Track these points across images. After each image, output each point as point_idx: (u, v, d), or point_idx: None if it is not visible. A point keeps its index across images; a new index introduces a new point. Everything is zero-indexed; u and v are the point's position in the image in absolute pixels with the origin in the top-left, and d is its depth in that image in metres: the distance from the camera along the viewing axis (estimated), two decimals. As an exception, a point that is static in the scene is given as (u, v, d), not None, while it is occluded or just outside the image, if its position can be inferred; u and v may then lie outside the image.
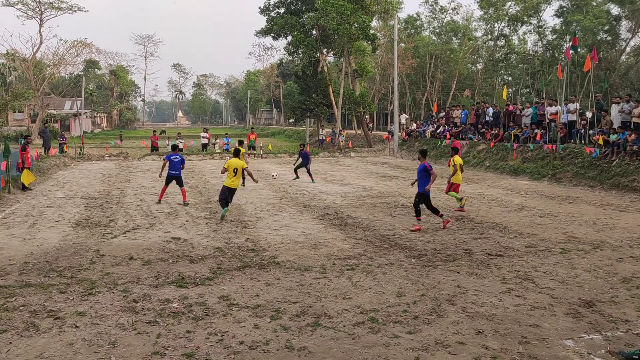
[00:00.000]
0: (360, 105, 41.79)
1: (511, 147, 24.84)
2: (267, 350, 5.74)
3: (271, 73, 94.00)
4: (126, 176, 22.83)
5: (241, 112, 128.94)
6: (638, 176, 17.64)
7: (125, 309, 6.92)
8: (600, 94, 24.10)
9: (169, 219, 13.10)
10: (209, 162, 30.76)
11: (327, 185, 19.69)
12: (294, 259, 9.38)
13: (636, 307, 7.07)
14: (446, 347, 5.82)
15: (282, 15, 43.46)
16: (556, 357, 5.58)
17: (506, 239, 11.04)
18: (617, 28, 45.78)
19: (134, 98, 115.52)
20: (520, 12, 48.88)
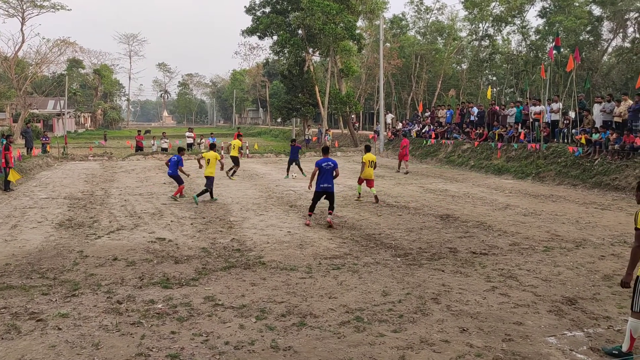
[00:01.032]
0: (347, 104, 41.87)
1: (495, 146, 25.04)
2: (253, 350, 5.73)
3: (257, 72, 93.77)
4: (110, 176, 22.62)
5: (227, 111, 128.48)
6: (619, 175, 17.88)
7: (109, 310, 6.86)
8: (582, 93, 24.42)
9: (153, 220, 13.01)
10: (195, 162, 30.56)
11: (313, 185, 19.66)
12: (279, 259, 9.37)
13: (617, 304, 7.17)
14: (431, 345, 5.85)
15: (267, 15, 43.39)
16: (539, 354, 5.64)
17: (490, 237, 11.13)
18: (599, 29, 46.36)
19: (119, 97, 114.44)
20: (504, 12, 49.30)
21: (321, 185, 12.05)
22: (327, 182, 12.04)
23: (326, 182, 12.04)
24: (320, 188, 12.08)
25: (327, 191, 12.10)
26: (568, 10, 44.95)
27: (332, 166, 12.13)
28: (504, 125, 26.01)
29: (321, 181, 12.03)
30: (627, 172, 17.74)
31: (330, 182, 12.07)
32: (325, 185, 12.04)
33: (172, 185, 19.76)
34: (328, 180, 12.05)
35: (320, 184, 12.03)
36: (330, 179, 12.09)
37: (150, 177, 22.43)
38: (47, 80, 72.00)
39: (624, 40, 45.78)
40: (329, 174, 12.07)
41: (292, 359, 5.55)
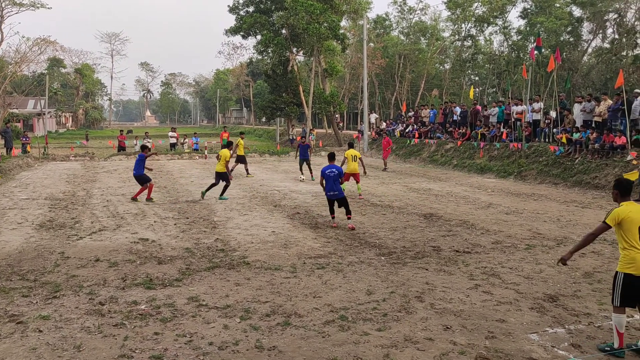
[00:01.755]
0: (331, 104, 41.91)
1: (478, 145, 25.25)
2: (237, 350, 5.71)
3: (241, 72, 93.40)
4: (92, 177, 22.38)
5: (210, 111, 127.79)
6: (599, 173, 18.15)
7: (91, 311, 6.79)
8: (563, 93, 24.75)
9: (136, 220, 12.90)
10: (178, 162, 30.39)
11: (297, 185, 19.67)
12: (264, 259, 9.35)
13: (597, 300, 7.28)
14: (415, 343, 5.89)
15: (251, 14, 43.24)
16: (521, 351, 5.70)
17: (473, 236, 11.23)
18: (579, 29, 46.96)
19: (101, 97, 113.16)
20: (487, 13, 49.69)
21: (329, 193, 12.08)
22: (333, 190, 12.00)
23: (332, 190, 12.01)
24: (329, 195, 12.13)
25: (337, 198, 12.06)
26: (549, 11, 45.47)
27: (337, 173, 12.03)
28: (486, 124, 26.25)
29: (327, 188, 12.06)
30: (606, 171, 18.01)
31: (336, 188, 11.99)
32: (332, 192, 12.03)
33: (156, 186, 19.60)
34: (334, 187, 11.99)
35: (327, 191, 12.09)
36: (336, 185, 12.00)
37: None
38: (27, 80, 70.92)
39: (604, 41, 46.44)
40: (333, 181, 11.98)
41: (277, 358, 5.54)
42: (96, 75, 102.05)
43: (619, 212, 5.64)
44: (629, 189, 5.84)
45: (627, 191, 5.82)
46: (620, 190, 5.83)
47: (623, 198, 5.80)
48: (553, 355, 5.59)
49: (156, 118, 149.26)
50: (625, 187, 5.82)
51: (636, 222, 5.58)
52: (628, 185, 5.85)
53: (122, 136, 35.32)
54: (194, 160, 31.22)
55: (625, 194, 5.80)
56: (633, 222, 5.58)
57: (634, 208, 5.66)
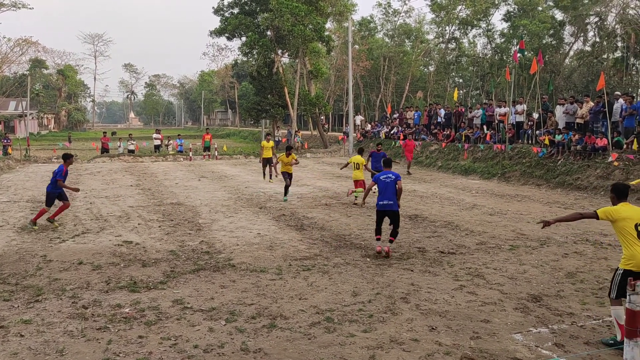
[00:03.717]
0: (316, 106, 41.94)
1: (462, 147, 25.44)
2: (222, 353, 5.68)
3: (226, 74, 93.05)
4: (75, 179, 22.11)
5: (195, 113, 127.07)
6: (581, 175, 18.39)
7: (74, 315, 6.70)
8: (546, 95, 25.01)
9: (120, 222, 12.78)
10: (162, 164, 30.18)
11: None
12: (249, 261, 9.32)
13: (580, 300, 7.36)
14: (400, 344, 5.90)
15: (236, 16, 43.11)
16: (506, 351, 5.74)
17: (458, 237, 11.30)
18: (561, 33, 47.59)
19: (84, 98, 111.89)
20: (470, 16, 50.15)
21: (380, 203, 9.79)
22: (387, 199, 9.73)
23: (386, 199, 9.74)
24: (379, 206, 9.81)
25: (389, 210, 9.78)
26: (532, 14, 46.03)
27: (393, 178, 9.80)
28: (470, 126, 26.45)
29: (380, 198, 9.83)
30: (588, 172, 18.25)
31: (392, 198, 9.72)
32: (384, 202, 9.76)
33: (140, 188, 19.42)
34: (389, 196, 9.73)
35: (379, 201, 9.83)
36: (391, 194, 9.75)
37: (117, 179, 22.03)
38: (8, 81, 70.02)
39: (585, 44, 47.12)
40: (389, 189, 9.78)
41: (263, 361, 5.52)
42: (79, 76, 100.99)
43: (612, 210, 5.92)
44: (625, 192, 6.13)
45: (623, 194, 6.11)
46: (616, 194, 6.12)
47: (619, 200, 6.07)
48: (537, 355, 5.64)
49: (140, 120, 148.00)
50: (621, 190, 6.12)
51: (631, 220, 5.82)
52: (624, 189, 6.15)
53: (105, 138, 35.01)
54: (178, 162, 31.03)
55: (621, 197, 6.08)
56: (628, 220, 5.83)
57: (628, 208, 5.94)
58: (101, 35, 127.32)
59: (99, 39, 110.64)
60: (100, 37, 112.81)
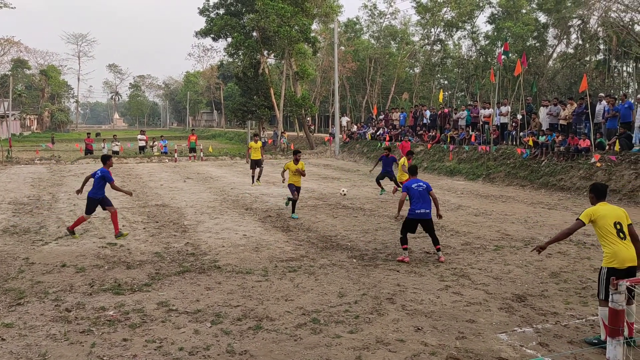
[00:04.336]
0: (302, 107, 41.93)
1: (447, 148, 25.59)
2: (208, 355, 5.64)
3: (211, 74, 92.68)
4: (58, 180, 21.87)
5: (180, 114, 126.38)
6: (565, 175, 18.59)
7: (57, 318, 6.62)
8: (530, 97, 25.26)
9: (104, 224, 12.65)
10: (147, 165, 29.96)
11: (269, 188, 19.59)
12: (235, 263, 9.28)
13: (564, 300, 7.44)
14: (386, 345, 5.91)
15: (221, 17, 42.97)
16: (491, 351, 5.78)
17: (443, 237, 11.35)
18: (545, 35, 48.12)
19: (67, 99, 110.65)
20: (455, 18, 50.49)
21: (417, 211, 9.46)
22: (424, 207, 9.48)
23: (423, 207, 9.48)
24: (415, 215, 9.49)
25: (425, 218, 9.53)
26: (516, 16, 46.47)
27: (425, 187, 9.65)
28: (455, 128, 26.62)
29: (416, 206, 9.49)
30: (572, 173, 18.45)
31: (428, 207, 9.52)
32: (422, 210, 9.47)
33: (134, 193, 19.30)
34: (425, 205, 9.51)
35: (415, 209, 9.48)
36: (428, 203, 9.54)
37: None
38: (-11, 81, 68.97)
39: (568, 46, 47.70)
40: (423, 197, 9.54)
41: (249, 363, 5.50)
42: (62, 77, 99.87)
43: (592, 210, 6.03)
44: (604, 192, 6.24)
45: (602, 194, 6.21)
46: (595, 193, 6.22)
47: (598, 200, 6.18)
48: (522, 354, 5.69)
49: (125, 121, 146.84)
50: (600, 190, 6.22)
51: (610, 218, 5.93)
52: (603, 189, 6.25)
53: (89, 139, 34.69)
54: (163, 164, 30.82)
55: (601, 197, 6.19)
56: (606, 218, 5.93)
57: (606, 207, 6.06)
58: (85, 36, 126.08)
59: (83, 39, 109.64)
60: (84, 37, 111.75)
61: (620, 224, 5.94)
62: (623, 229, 5.93)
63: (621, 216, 5.99)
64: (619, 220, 5.94)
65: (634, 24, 37.89)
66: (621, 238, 5.89)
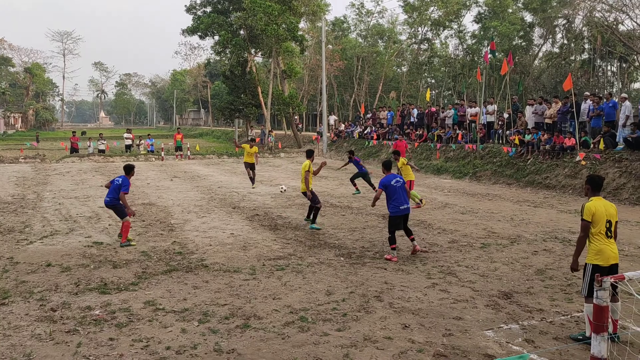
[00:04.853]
0: (290, 105, 41.85)
1: (434, 147, 25.70)
2: (195, 354, 5.62)
3: (198, 73, 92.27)
4: (43, 179, 21.64)
5: (167, 112, 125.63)
6: (550, 174, 18.76)
7: (42, 318, 6.55)
8: (516, 96, 25.46)
9: (90, 223, 12.55)
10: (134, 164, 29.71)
11: (256, 186, 19.54)
12: (222, 261, 9.25)
13: (549, 296, 7.51)
14: (374, 342, 5.93)
15: (208, 15, 42.79)
16: (477, 347, 5.82)
17: (430, 235, 11.41)
18: (531, 34, 48.50)
19: (52, 97, 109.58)
20: (442, 17, 50.71)
21: (401, 208, 9.48)
22: (406, 203, 9.57)
23: (405, 203, 9.54)
24: (400, 211, 9.50)
25: (407, 213, 9.67)
26: (502, 16, 46.78)
27: (402, 182, 9.71)
28: (442, 126, 26.74)
29: (399, 202, 9.49)
30: (557, 171, 18.63)
31: (407, 201, 9.65)
32: (405, 206, 9.54)
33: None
34: (406, 200, 9.60)
35: (399, 205, 9.49)
36: (406, 198, 9.65)
37: (87, 179, 21.62)
38: (-28, 79, 68.05)
39: (553, 45, 48.12)
40: (403, 192, 9.60)
41: (236, 361, 5.49)
42: (47, 74, 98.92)
43: (590, 206, 5.95)
44: (600, 184, 6.16)
45: (598, 187, 6.13)
46: (592, 185, 6.13)
47: (594, 193, 6.11)
48: (508, 351, 5.73)
49: (111, 119, 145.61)
50: (597, 182, 6.13)
51: (603, 217, 5.91)
52: (599, 181, 6.16)
53: (74, 138, 34.35)
54: (150, 162, 30.61)
55: (596, 190, 6.11)
56: (601, 215, 5.91)
57: (602, 203, 6.00)
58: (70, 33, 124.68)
59: (68, 37, 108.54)
60: (69, 34, 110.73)
61: (610, 222, 5.94)
62: (611, 228, 5.95)
63: (612, 214, 5.98)
64: (610, 219, 5.95)
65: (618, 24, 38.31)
66: (608, 237, 5.92)
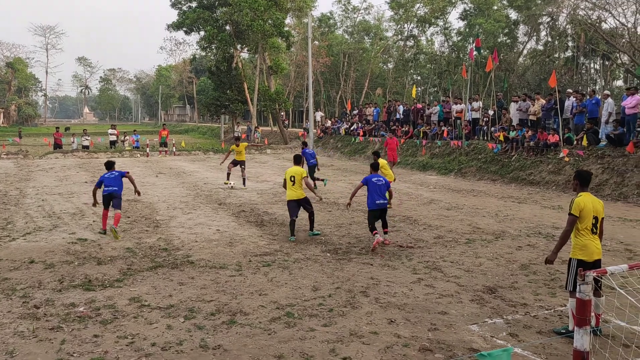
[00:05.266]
0: (276, 102, 41.74)
1: (420, 143, 25.82)
2: (181, 350, 5.60)
3: (184, 68, 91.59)
4: (26, 175, 21.37)
5: (152, 108, 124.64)
6: (534, 170, 18.94)
7: (25, 315, 6.48)
8: (500, 93, 25.65)
9: (74, 220, 12.42)
10: (119, 160, 29.44)
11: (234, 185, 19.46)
12: (208, 257, 9.21)
13: (533, 291, 7.59)
14: (360, 337, 5.95)
15: (194, 9, 42.44)
16: (462, 342, 5.87)
17: (416, 231, 11.47)
18: (516, 32, 48.90)
19: (35, 93, 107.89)
20: (428, 14, 50.89)
21: (377, 202, 10.26)
22: (383, 198, 10.31)
23: (382, 198, 10.29)
24: (376, 205, 10.27)
25: (384, 208, 10.40)
26: (487, 13, 47.07)
27: (384, 183, 10.44)
28: (428, 123, 26.86)
29: (375, 197, 10.26)
30: (541, 168, 18.82)
31: (385, 197, 10.36)
32: (381, 201, 10.29)
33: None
34: (383, 196, 10.33)
35: (375, 200, 10.25)
36: (384, 194, 10.35)
37: (70, 175, 21.39)
38: (-48, 74, 66.87)
39: (538, 43, 48.55)
40: (382, 190, 10.33)
41: (222, 357, 5.48)
42: (30, 69, 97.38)
43: (580, 202, 5.96)
44: (588, 180, 6.19)
45: (587, 182, 6.17)
46: (580, 180, 6.16)
47: (582, 188, 6.14)
48: (492, 345, 5.79)
49: (95, 115, 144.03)
50: (585, 178, 6.17)
51: (590, 212, 5.95)
52: (587, 177, 6.19)
53: (58, 133, 33.94)
54: (135, 159, 30.36)
55: (585, 185, 6.15)
56: (589, 211, 5.94)
57: (590, 199, 6.03)
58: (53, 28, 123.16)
59: (51, 31, 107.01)
60: (52, 29, 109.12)
61: (597, 218, 5.98)
62: (597, 224, 5.99)
63: (599, 210, 6.02)
64: (596, 215, 5.98)
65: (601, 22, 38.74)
66: (593, 233, 5.97)
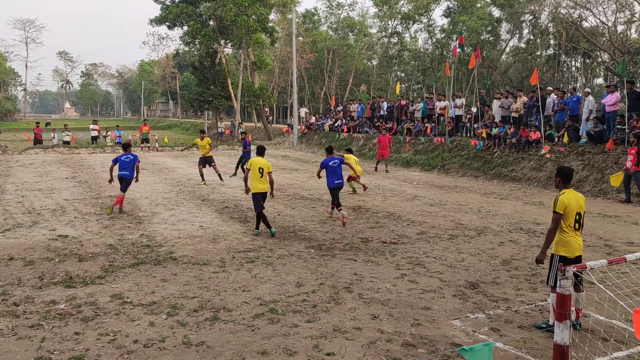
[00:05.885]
0: (260, 98, 41.61)
1: (404, 140, 25.92)
2: (164, 347, 5.56)
3: (167, 64, 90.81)
4: (5, 171, 21.03)
5: (135, 103, 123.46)
6: (516, 166, 19.15)
7: (4, 313, 6.39)
8: (483, 90, 25.83)
9: (54, 216, 12.26)
10: (100, 155, 29.13)
11: (226, 179, 19.38)
12: (191, 254, 9.16)
13: (515, 286, 7.68)
14: (344, 333, 5.97)
15: (177, 4, 42.09)
16: (445, 337, 5.92)
17: (400, 227, 11.52)
18: (498, 29, 49.31)
19: (14, 87, 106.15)
20: (412, 10, 51.08)
21: (335, 182, 12.01)
22: (340, 178, 12.12)
23: (339, 178, 12.11)
24: (335, 185, 12.01)
25: (340, 187, 12.19)
26: (471, 10, 47.40)
27: (338, 162, 12.27)
28: (411, 119, 26.98)
29: (334, 178, 12.01)
30: (523, 164, 19.02)
31: (341, 177, 12.19)
32: (339, 181, 12.08)
33: (76, 180, 18.73)
34: (340, 177, 12.12)
35: (334, 180, 12.00)
36: (341, 175, 12.16)
37: (51, 171, 21.10)
38: None
39: (520, 41, 49.00)
40: (338, 170, 12.11)
41: (205, 354, 5.45)
42: (9, 63, 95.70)
43: (564, 199, 5.97)
44: (570, 176, 6.21)
45: (569, 178, 6.18)
46: (562, 177, 6.17)
47: (564, 185, 6.14)
48: (474, 340, 5.84)
49: (76, 110, 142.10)
50: (567, 174, 6.18)
51: (575, 208, 5.98)
52: (569, 173, 6.22)
53: (38, 129, 33.45)
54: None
55: (567, 181, 6.16)
56: (573, 208, 5.97)
57: (573, 195, 6.05)
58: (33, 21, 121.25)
59: (31, 25, 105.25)
60: (32, 22, 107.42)
61: (580, 214, 6.02)
62: (580, 220, 6.03)
63: (582, 206, 6.05)
64: (579, 211, 6.01)
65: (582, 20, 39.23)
66: (576, 229, 6.01)
